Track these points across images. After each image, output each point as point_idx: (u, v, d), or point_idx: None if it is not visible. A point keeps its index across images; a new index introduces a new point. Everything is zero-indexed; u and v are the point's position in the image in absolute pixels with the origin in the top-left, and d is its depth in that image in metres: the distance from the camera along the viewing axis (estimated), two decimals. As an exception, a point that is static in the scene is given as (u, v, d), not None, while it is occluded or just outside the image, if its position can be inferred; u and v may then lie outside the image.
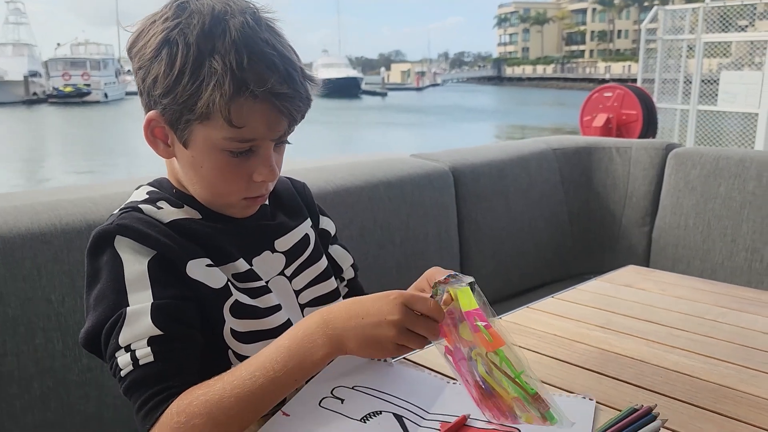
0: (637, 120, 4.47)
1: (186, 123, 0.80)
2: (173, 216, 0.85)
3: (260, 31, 0.79)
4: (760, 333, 1.16)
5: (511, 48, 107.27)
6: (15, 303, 1.18)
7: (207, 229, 0.86)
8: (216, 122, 0.78)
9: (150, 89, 0.80)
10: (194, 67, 0.76)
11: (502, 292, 2.13)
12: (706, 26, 6.69)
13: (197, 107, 0.77)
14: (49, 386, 1.21)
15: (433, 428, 0.80)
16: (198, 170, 0.84)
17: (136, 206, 0.85)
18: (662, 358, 1.05)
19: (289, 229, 0.97)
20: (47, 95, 40.39)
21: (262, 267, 0.91)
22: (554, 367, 1.03)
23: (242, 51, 0.76)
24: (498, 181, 2.17)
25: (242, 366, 0.76)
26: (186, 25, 0.77)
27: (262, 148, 0.82)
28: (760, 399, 0.92)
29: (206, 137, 0.80)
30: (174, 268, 0.81)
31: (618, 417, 0.79)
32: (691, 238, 2.21)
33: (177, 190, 0.89)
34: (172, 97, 0.78)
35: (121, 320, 0.76)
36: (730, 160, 2.15)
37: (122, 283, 0.78)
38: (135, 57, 0.81)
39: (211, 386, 0.74)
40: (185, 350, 0.78)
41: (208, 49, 0.76)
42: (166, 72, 0.77)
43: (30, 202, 1.30)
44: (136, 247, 0.80)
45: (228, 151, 0.81)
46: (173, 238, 0.82)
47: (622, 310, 1.28)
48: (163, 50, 0.77)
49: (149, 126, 0.83)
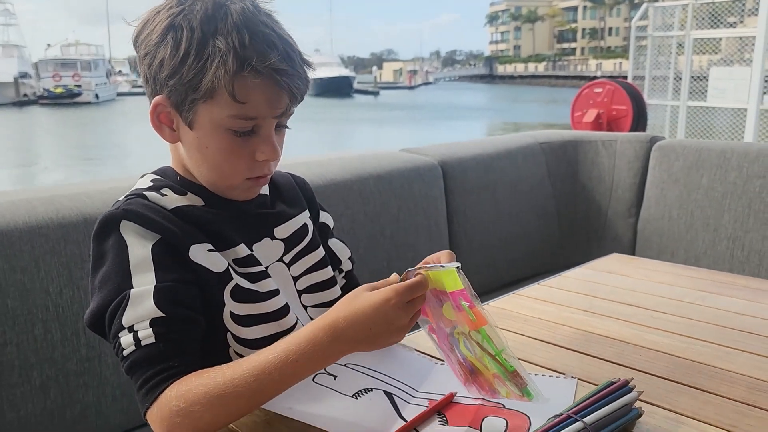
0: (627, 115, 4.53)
1: (191, 103, 0.83)
2: (177, 203, 0.88)
3: (259, 15, 0.84)
4: (735, 314, 1.21)
5: (503, 46, 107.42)
6: (14, 294, 1.20)
7: (209, 215, 0.89)
8: (220, 100, 0.82)
9: (156, 73, 0.83)
10: (199, 47, 0.80)
11: (490, 283, 2.17)
12: (695, 23, 6.74)
13: (202, 85, 0.81)
14: (49, 375, 1.24)
15: (421, 405, 0.83)
16: (203, 151, 0.87)
17: (141, 193, 0.88)
18: (642, 339, 1.09)
19: (288, 217, 1.00)
20: (38, 96, 40.13)
21: (262, 253, 0.94)
22: (539, 347, 1.07)
23: (243, 31, 0.81)
24: (486, 174, 2.21)
25: (245, 363, 0.76)
26: (189, 11, 0.82)
27: (263, 127, 0.86)
28: (733, 374, 0.96)
29: (211, 117, 0.83)
30: (177, 252, 0.84)
31: (596, 389, 0.82)
32: (675, 228, 2.26)
33: (181, 177, 0.92)
34: (178, 78, 0.81)
35: (125, 302, 0.79)
36: (712, 151, 2.20)
37: (126, 266, 0.81)
38: (141, 45, 0.85)
39: (211, 378, 0.75)
40: (186, 332, 0.81)
41: (210, 31, 0.80)
42: (172, 54, 0.81)
43: (27, 197, 1.32)
44: (140, 231, 0.83)
45: (232, 131, 0.84)
46: (177, 223, 0.85)
47: (604, 294, 1.33)
48: (168, 35, 0.82)
49: (155, 111, 0.86)
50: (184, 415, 0.74)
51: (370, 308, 0.75)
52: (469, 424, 0.79)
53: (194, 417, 0.74)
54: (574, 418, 0.75)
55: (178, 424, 0.74)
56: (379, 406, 0.82)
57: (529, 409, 0.82)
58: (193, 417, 0.74)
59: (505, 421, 0.80)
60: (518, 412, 0.81)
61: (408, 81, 76.79)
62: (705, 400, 0.88)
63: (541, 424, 0.75)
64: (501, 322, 1.17)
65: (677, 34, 6.86)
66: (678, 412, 0.84)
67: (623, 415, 0.79)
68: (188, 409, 0.74)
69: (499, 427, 0.79)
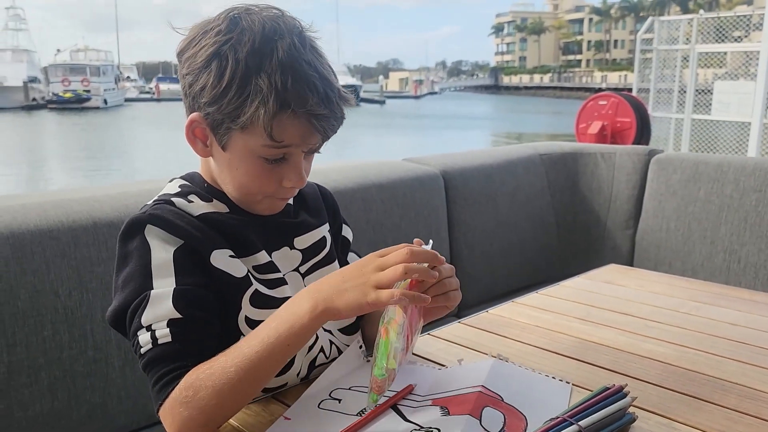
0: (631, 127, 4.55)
1: (226, 130, 0.86)
2: (202, 209, 0.91)
3: (305, 53, 0.84)
4: (729, 324, 1.23)
5: (508, 57, 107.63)
6: (24, 296, 1.23)
7: (233, 221, 0.92)
8: (255, 133, 0.84)
9: (196, 95, 0.85)
10: (241, 82, 0.81)
11: (490, 292, 2.19)
12: (701, 37, 6.77)
13: (240, 119, 0.83)
14: (57, 376, 1.26)
15: (426, 405, 0.85)
16: (233, 172, 0.90)
17: (169, 199, 0.91)
18: (636, 347, 1.12)
19: (309, 228, 1.03)
20: (47, 101, 40.34)
21: (280, 261, 0.97)
22: (536, 354, 1.09)
23: (287, 72, 0.81)
24: (487, 184, 2.24)
25: (243, 340, 0.81)
26: (237, 42, 0.82)
27: (294, 156, 0.89)
28: (725, 382, 0.98)
29: (244, 144, 0.86)
30: (198, 257, 0.87)
31: (591, 395, 0.85)
32: (672, 240, 2.28)
33: (208, 184, 0.95)
34: (217, 107, 0.83)
35: (145, 302, 0.82)
36: (709, 165, 2.22)
37: (148, 268, 0.84)
38: (185, 62, 0.87)
39: (215, 360, 0.79)
40: (201, 333, 0.84)
41: (255, 67, 0.81)
42: (214, 83, 0.82)
43: (38, 200, 1.35)
44: (164, 236, 0.85)
45: (263, 158, 0.87)
46: (201, 229, 0.88)
47: (601, 303, 1.35)
48: (213, 62, 0.82)
49: (191, 126, 0.89)
50: (192, 405, 0.77)
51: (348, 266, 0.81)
52: (469, 413, 0.80)
53: (201, 405, 0.76)
54: (569, 422, 0.77)
55: (186, 417, 0.77)
56: (385, 417, 0.83)
57: (526, 409, 0.84)
58: (201, 405, 0.76)
59: (502, 415, 0.82)
60: (516, 410, 0.84)
61: (414, 90, 76.92)
62: (697, 407, 0.90)
63: (537, 426, 0.78)
64: (500, 330, 1.20)
65: (682, 48, 6.89)
66: (671, 418, 0.86)
67: (617, 419, 0.81)
68: (196, 396, 0.76)
69: (497, 420, 0.81)
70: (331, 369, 0.94)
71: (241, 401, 0.81)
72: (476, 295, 2.14)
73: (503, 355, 1.04)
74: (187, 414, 0.77)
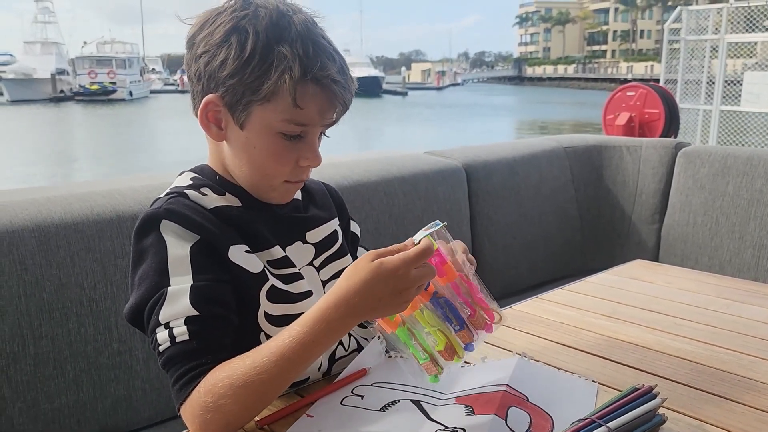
0: (659, 119, 4.46)
1: (247, 104, 0.86)
2: (216, 203, 0.91)
3: (318, 29, 0.88)
4: (760, 323, 1.20)
5: (532, 48, 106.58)
6: (50, 288, 1.24)
7: (247, 216, 0.92)
8: (277, 104, 0.85)
9: (214, 71, 0.86)
10: (264, 51, 0.83)
11: (513, 287, 2.17)
12: (730, 26, 6.63)
13: (263, 89, 0.84)
14: (82, 368, 1.27)
15: (449, 404, 0.84)
16: (250, 151, 0.90)
17: (183, 192, 0.90)
18: (665, 345, 1.09)
19: (320, 222, 1.03)
20: (74, 93, 40.99)
21: (294, 256, 0.96)
22: (561, 352, 1.07)
23: (307, 42, 0.85)
24: (510, 178, 2.22)
25: (264, 349, 0.78)
26: (254, 16, 0.85)
27: (310, 134, 0.89)
28: (757, 382, 0.96)
29: (263, 118, 0.86)
30: (215, 252, 0.86)
31: (620, 395, 0.83)
32: (699, 235, 2.23)
33: (220, 176, 0.95)
34: (239, 78, 0.84)
35: (162, 299, 0.82)
36: (738, 158, 2.17)
37: (165, 265, 0.83)
38: (199, 43, 0.87)
39: (234, 369, 0.77)
40: (219, 330, 0.83)
41: (276, 38, 0.84)
42: (236, 55, 0.84)
43: (63, 194, 1.36)
44: (180, 231, 0.85)
45: (282, 134, 0.87)
46: (216, 223, 0.88)
47: (627, 300, 1.32)
48: (232, 36, 0.84)
49: (206, 109, 0.89)
50: (214, 410, 0.76)
51: (380, 280, 0.75)
52: (495, 412, 0.79)
53: (224, 410, 0.76)
54: (598, 423, 0.76)
55: (209, 420, 0.77)
56: (408, 414, 0.83)
57: (552, 409, 0.83)
58: (223, 410, 0.76)
59: (528, 415, 0.81)
60: (541, 411, 0.82)
61: (436, 82, 76.67)
62: (728, 408, 0.88)
63: (563, 427, 0.77)
64: (524, 326, 1.18)
65: (711, 38, 6.75)
66: (701, 419, 0.85)
67: (646, 421, 0.80)
68: (217, 403, 0.76)
69: (523, 420, 0.80)
70: (353, 365, 0.94)
71: (263, 405, 0.80)
72: (498, 289, 2.11)
73: (528, 353, 1.02)
74: (209, 417, 0.77)
